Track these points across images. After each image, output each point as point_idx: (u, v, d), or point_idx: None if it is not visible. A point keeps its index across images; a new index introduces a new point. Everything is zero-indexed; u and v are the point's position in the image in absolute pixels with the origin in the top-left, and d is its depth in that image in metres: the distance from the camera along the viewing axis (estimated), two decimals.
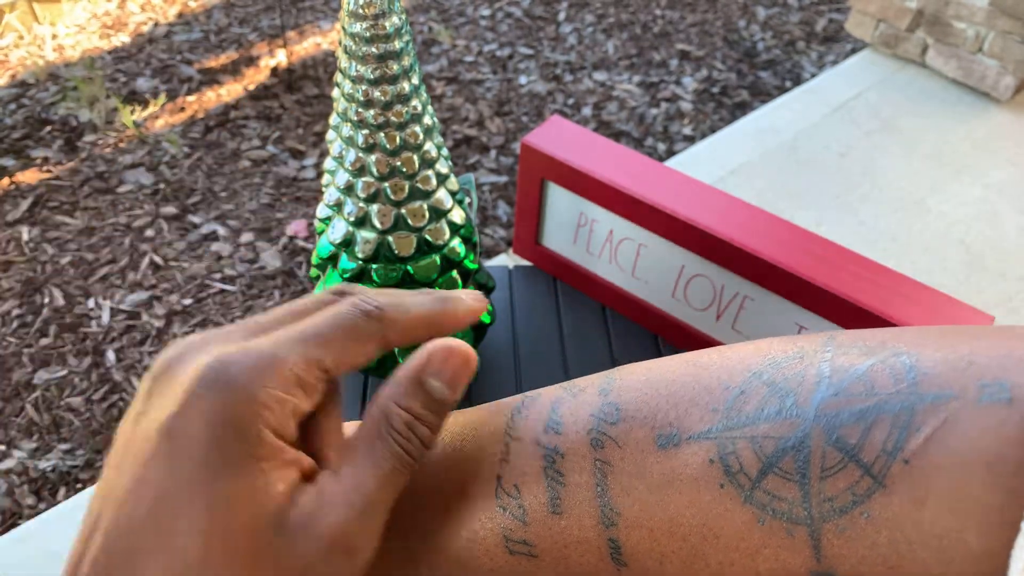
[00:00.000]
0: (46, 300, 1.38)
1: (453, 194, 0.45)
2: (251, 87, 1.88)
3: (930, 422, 0.17)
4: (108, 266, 1.44)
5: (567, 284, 0.61)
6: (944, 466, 0.17)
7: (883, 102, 1.81)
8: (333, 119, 0.42)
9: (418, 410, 0.22)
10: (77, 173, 1.62)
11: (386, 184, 0.41)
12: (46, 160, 1.65)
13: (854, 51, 2.07)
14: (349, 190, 0.42)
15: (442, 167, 0.43)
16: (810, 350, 0.21)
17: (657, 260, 0.53)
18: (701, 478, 0.20)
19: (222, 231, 1.52)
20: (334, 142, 0.42)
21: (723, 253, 0.49)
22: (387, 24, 0.36)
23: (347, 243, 0.44)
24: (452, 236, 0.45)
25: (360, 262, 0.44)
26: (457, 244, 0.46)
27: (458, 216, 0.45)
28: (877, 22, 1.91)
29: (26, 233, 1.49)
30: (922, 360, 0.19)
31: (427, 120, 0.41)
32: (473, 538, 0.23)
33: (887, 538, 0.17)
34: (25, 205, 1.54)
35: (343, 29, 0.37)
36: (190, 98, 1.84)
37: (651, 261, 0.54)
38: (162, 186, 1.61)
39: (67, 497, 1.10)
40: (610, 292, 0.58)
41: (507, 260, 1.42)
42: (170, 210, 1.56)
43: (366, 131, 0.39)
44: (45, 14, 2.03)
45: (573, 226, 0.57)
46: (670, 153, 1.75)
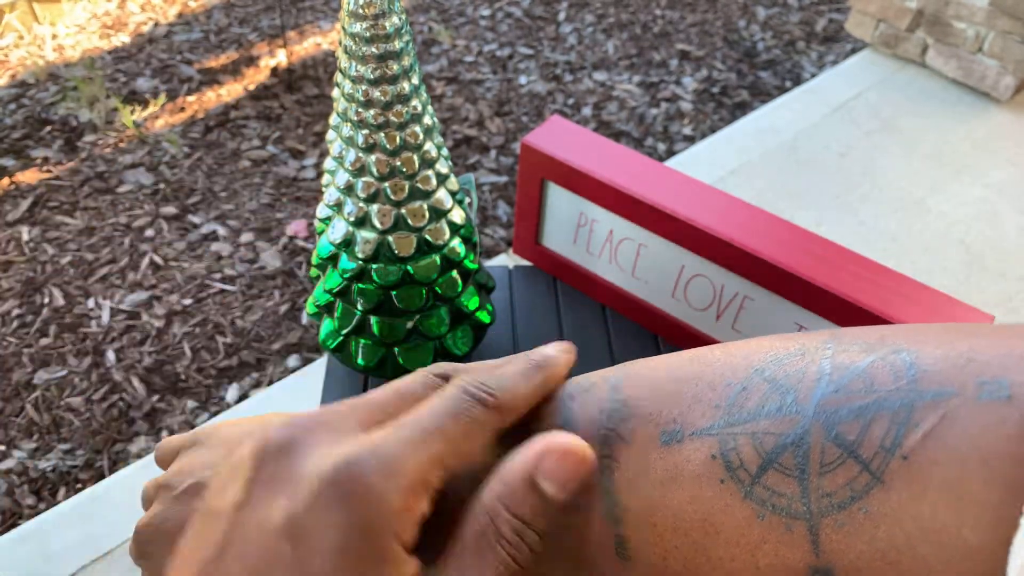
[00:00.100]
0: (46, 300, 1.38)
1: (453, 194, 0.45)
2: (251, 87, 1.88)
3: (929, 419, 0.17)
4: (108, 266, 1.44)
5: (567, 284, 0.61)
6: (942, 462, 0.17)
7: (883, 102, 1.81)
8: (333, 119, 0.42)
9: (528, 517, 0.21)
10: (77, 173, 1.62)
11: (386, 184, 0.41)
12: (46, 160, 1.65)
13: (854, 51, 2.07)
14: (349, 190, 0.42)
15: (442, 167, 0.43)
16: (811, 347, 0.21)
17: (657, 260, 0.53)
18: (703, 474, 0.20)
19: (222, 231, 1.52)
20: (334, 142, 0.42)
21: (723, 253, 0.49)
22: (387, 24, 0.36)
23: (347, 243, 0.44)
24: (452, 236, 0.45)
25: (360, 262, 0.44)
26: (457, 244, 0.46)
27: (458, 216, 0.45)
28: (877, 22, 1.91)
29: (26, 233, 1.49)
30: (922, 357, 0.19)
31: (427, 120, 0.41)
32: None
33: (885, 533, 0.18)
34: (25, 205, 1.54)
35: (343, 29, 0.37)
36: (190, 98, 1.84)
37: (651, 261, 0.54)
38: (162, 186, 1.61)
39: (67, 497, 1.10)
40: (610, 292, 0.58)
41: (507, 260, 1.42)
42: (170, 210, 1.56)
43: (366, 131, 0.39)
44: (45, 14, 2.03)
45: (573, 226, 0.57)
46: (670, 153, 1.75)
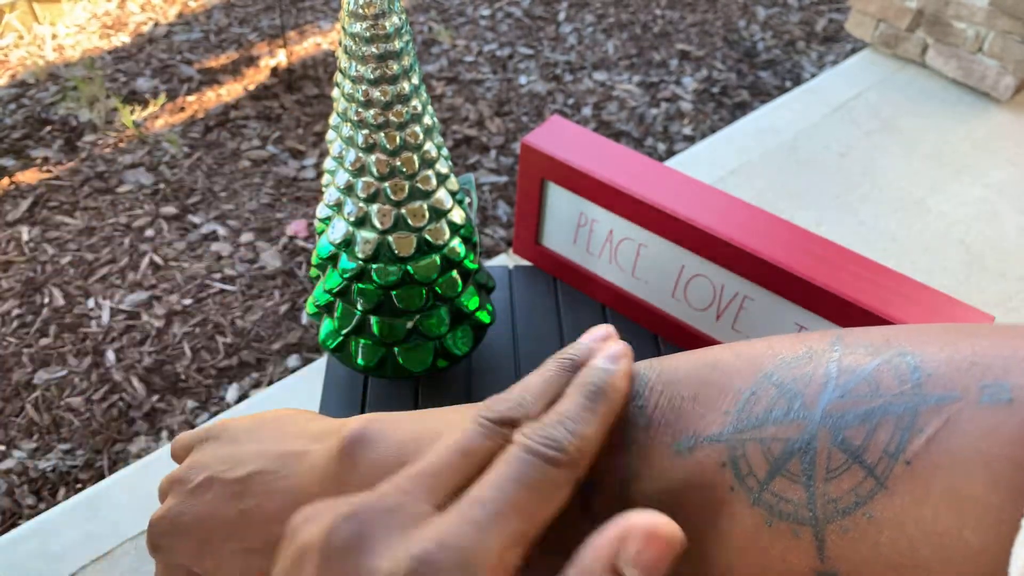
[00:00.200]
0: (46, 300, 1.38)
1: (453, 194, 0.45)
2: (251, 87, 1.88)
3: (932, 423, 0.18)
4: (108, 266, 1.44)
5: (567, 284, 0.61)
6: (945, 466, 0.17)
7: (883, 102, 1.81)
8: (333, 119, 0.42)
9: None
10: (77, 173, 1.62)
11: (386, 184, 0.41)
12: (46, 160, 1.65)
13: (854, 51, 2.07)
14: (349, 190, 0.42)
15: (442, 167, 0.43)
16: (818, 349, 0.21)
17: (657, 260, 0.53)
18: (714, 481, 0.20)
19: (222, 231, 1.52)
20: (334, 142, 0.42)
21: (723, 253, 0.49)
22: (387, 24, 0.36)
23: (347, 243, 0.44)
24: (452, 236, 0.45)
25: (360, 262, 0.44)
26: (457, 244, 0.46)
27: (458, 216, 0.45)
28: (877, 22, 1.91)
29: (26, 233, 1.49)
30: (926, 360, 0.19)
31: (427, 120, 0.41)
32: None
33: (888, 538, 0.18)
34: (25, 205, 1.54)
35: (343, 29, 0.37)
36: (190, 98, 1.84)
37: (651, 261, 0.54)
38: (162, 186, 1.61)
39: (67, 497, 1.10)
40: (610, 292, 0.58)
41: (507, 260, 1.42)
42: (170, 210, 1.56)
43: (366, 131, 0.39)
44: (45, 14, 2.03)
45: (573, 226, 0.57)
46: (670, 153, 1.75)
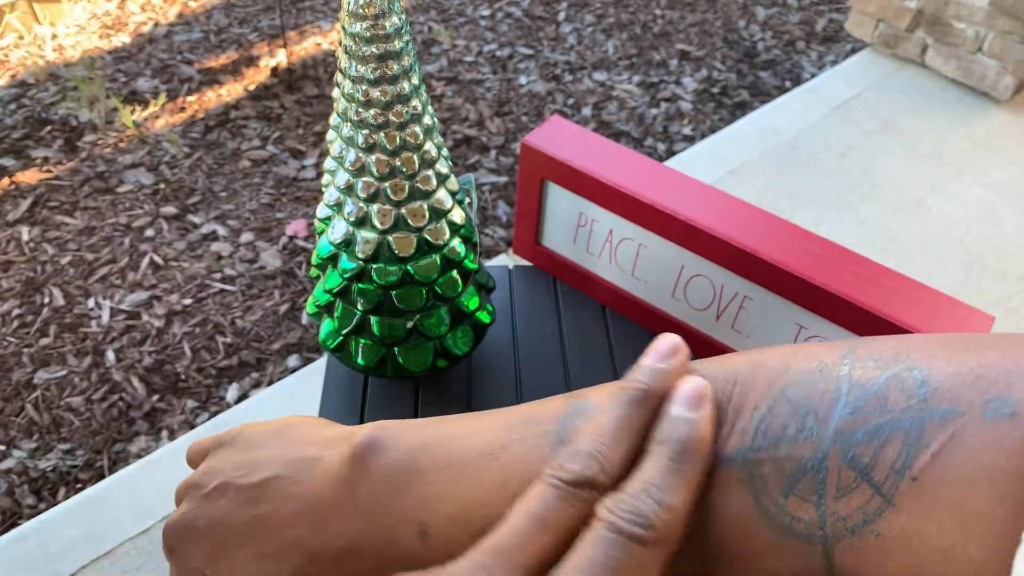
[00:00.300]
0: (46, 300, 1.38)
1: (453, 194, 0.45)
2: (251, 87, 1.88)
3: (938, 438, 0.18)
4: (108, 266, 1.44)
5: (567, 284, 0.61)
6: (949, 481, 0.17)
7: (883, 102, 1.81)
8: (333, 119, 0.42)
9: None
10: (77, 173, 1.62)
11: (386, 184, 0.41)
12: (46, 160, 1.65)
13: (854, 51, 2.07)
14: (349, 190, 0.42)
15: (442, 167, 0.43)
16: (829, 363, 0.21)
17: (657, 260, 0.53)
18: (734, 501, 0.21)
19: (222, 231, 1.52)
20: (334, 142, 0.42)
21: (723, 253, 0.49)
22: (387, 24, 0.36)
23: (347, 243, 0.44)
24: (452, 236, 0.45)
25: (360, 262, 0.44)
26: (457, 244, 0.46)
27: (458, 216, 0.45)
28: (877, 22, 1.91)
29: (26, 233, 1.49)
30: (932, 375, 0.19)
31: (427, 120, 0.41)
32: None
33: (895, 555, 0.18)
34: (25, 205, 1.54)
35: (343, 29, 0.37)
36: (190, 98, 1.84)
37: (651, 261, 0.54)
38: (162, 186, 1.61)
39: (67, 497, 1.10)
40: (610, 292, 0.58)
41: (507, 260, 1.42)
42: (170, 210, 1.56)
43: (366, 131, 0.39)
44: (45, 14, 2.03)
45: (573, 226, 0.57)
46: (670, 153, 1.75)
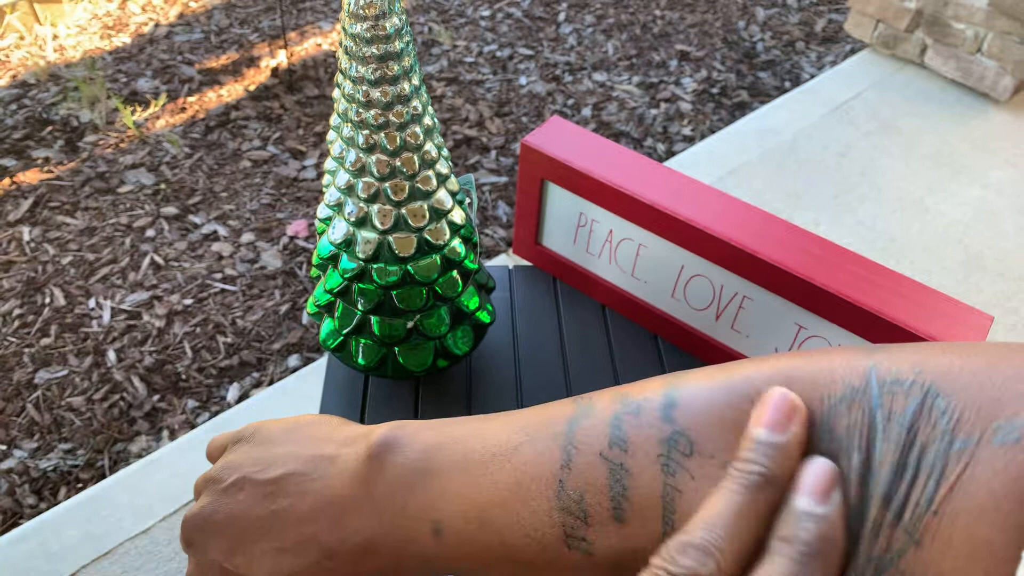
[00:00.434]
0: (47, 300, 1.38)
1: (453, 194, 0.45)
2: (252, 87, 1.88)
3: (956, 470, 0.18)
4: (109, 266, 1.44)
5: (567, 284, 0.61)
6: (963, 511, 0.18)
7: (882, 102, 1.81)
8: (334, 119, 0.42)
9: None
10: (78, 173, 1.62)
11: (386, 184, 0.41)
12: (47, 160, 1.65)
13: (853, 51, 2.07)
14: (350, 190, 0.42)
15: (442, 167, 0.43)
16: (859, 387, 0.21)
17: (657, 260, 0.54)
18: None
19: (223, 231, 1.53)
20: (334, 142, 0.42)
21: (723, 253, 0.49)
22: (387, 25, 0.36)
23: (347, 243, 0.44)
24: (452, 236, 0.45)
25: (360, 262, 0.44)
26: (457, 244, 0.46)
27: (458, 216, 0.45)
28: (876, 22, 1.91)
29: (27, 233, 1.49)
30: (953, 403, 0.19)
31: (427, 121, 0.41)
32: (531, 533, 0.24)
33: None
34: (26, 205, 1.55)
35: (343, 30, 0.37)
36: (191, 98, 1.84)
37: (651, 261, 0.54)
38: (163, 186, 1.61)
39: (68, 497, 1.11)
40: (610, 292, 0.58)
41: (507, 260, 1.42)
42: (171, 210, 1.56)
43: (366, 131, 0.40)
44: (46, 15, 2.03)
45: (573, 226, 0.57)
46: (670, 153, 1.75)
